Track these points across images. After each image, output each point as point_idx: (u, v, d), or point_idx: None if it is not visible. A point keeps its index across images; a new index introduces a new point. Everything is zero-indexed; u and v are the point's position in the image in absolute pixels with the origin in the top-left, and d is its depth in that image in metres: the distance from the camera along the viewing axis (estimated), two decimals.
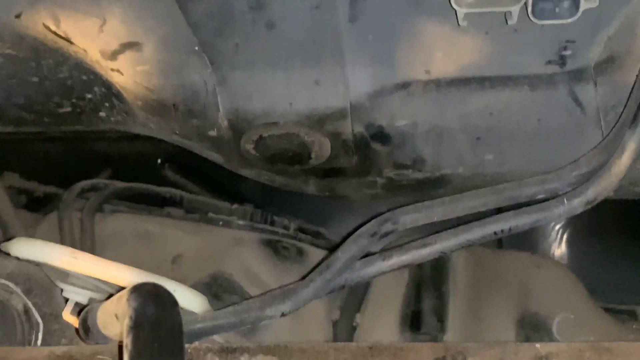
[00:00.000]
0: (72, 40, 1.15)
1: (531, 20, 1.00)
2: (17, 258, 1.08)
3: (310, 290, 1.05)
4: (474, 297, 1.42)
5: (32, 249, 1.06)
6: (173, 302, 0.83)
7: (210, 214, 1.60)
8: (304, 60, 1.12)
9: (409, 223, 1.09)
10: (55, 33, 1.15)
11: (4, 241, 1.12)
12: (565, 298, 1.42)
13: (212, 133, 1.23)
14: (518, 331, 1.35)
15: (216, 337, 1.03)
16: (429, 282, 1.45)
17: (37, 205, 1.74)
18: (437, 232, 1.11)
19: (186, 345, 0.83)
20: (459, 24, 1.02)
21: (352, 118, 1.17)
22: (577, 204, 1.04)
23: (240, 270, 1.43)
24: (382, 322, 1.39)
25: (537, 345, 0.86)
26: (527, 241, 1.78)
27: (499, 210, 1.11)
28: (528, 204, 1.08)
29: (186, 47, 1.11)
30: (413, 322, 1.38)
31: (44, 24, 1.14)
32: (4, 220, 1.55)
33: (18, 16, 1.13)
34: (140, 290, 0.83)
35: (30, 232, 1.56)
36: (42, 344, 1.09)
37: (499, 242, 1.64)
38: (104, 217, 1.59)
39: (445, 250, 1.09)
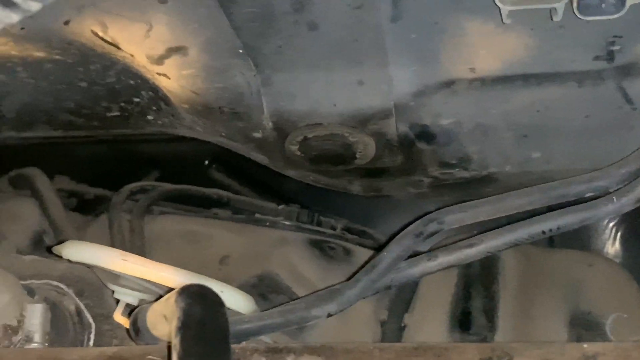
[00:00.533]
0: (120, 45, 1.18)
1: (577, 16, 1.00)
2: (69, 260, 1.11)
3: (356, 290, 1.07)
4: (524, 297, 1.41)
5: (83, 252, 1.09)
6: (220, 302, 0.85)
7: (257, 215, 1.63)
8: (346, 61, 1.13)
9: (454, 223, 1.10)
10: (102, 39, 1.18)
11: (56, 244, 1.15)
12: (618, 297, 1.40)
13: (257, 134, 1.26)
14: (570, 331, 1.34)
15: (263, 338, 1.04)
16: (478, 281, 1.44)
17: (87, 207, 1.77)
18: (483, 231, 1.12)
19: (233, 346, 0.84)
20: (503, 22, 1.03)
21: (396, 117, 1.18)
22: (626, 202, 1.03)
23: (287, 271, 1.45)
24: (430, 323, 1.39)
25: (585, 345, 0.85)
26: (580, 239, 1.75)
27: (549, 209, 1.11)
28: (576, 202, 1.08)
29: (230, 50, 1.13)
30: (462, 322, 1.38)
31: (91, 30, 1.16)
32: (56, 223, 1.60)
33: (66, 23, 1.16)
34: (187, 291, 0.85)
35: (81, 235, 1.60)
36: (94, 344, 1.11)
37: (551, 241, 1.63)
38: (152, 218, 1.62)
39: (492, 250, 1.10)
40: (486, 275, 1.43)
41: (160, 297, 1.00)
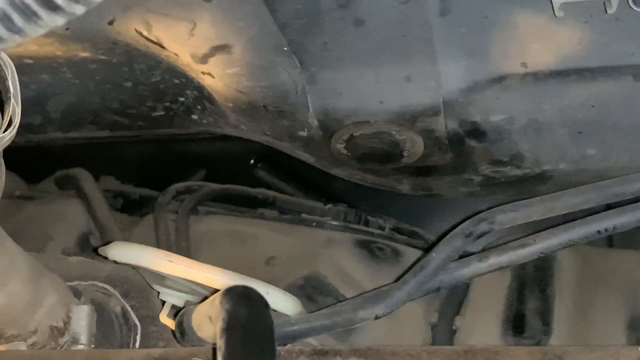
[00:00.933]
0: (164, 44, 1.20)
1: (632, 8, 0.98)
2: (115, 262, 1.14)
3: (403, 292, 1.07)
4: (581, 299, 1.40)
5: (129, 253, 1.11)
6: (265, 304, 0.87)
7: (304, 215, 1.63)
8: (394, 57, 1.13)
9: (506, 222, 1.10)
10: (147, 38, 1.19)
11: (102, 245, 1.18)
12: None
13: (303, 133, 1.26)
14: (629, 335, 1.32)
15: (309, 340, 1.06)
16: (532, 283, 1.43)
17: (133, 208, 1.80)
18: (537, 232, 1.12)
19: (278, 348, 0.85)
20: (555, 15, 1.01)
21: (445, 114, 1.18)
22: None
23: (334, 272, 1.45)
24: (482, 326, 1.39)
25: None
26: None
27: (606, 208, 1.11)
28: (634, 200, 1.07)
29: (275, 48, 1.14)
30: (516, 325, 1.37)
31: (136, 30, 1.18)
32: (102, 224, 1.63)
33: (111, 23, 1.17)
34: (232, 293, 0.86)
35: (127, 235, 1.63)
36: (140, 345, 1.14)
37: (609, 241, 1.60)
38: (198, 219, 1.64)
39: (546, 251, 1.10)
40: (541, 276, 1.42)
41: (206, 298, 1.01)
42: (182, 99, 1.34)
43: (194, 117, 1.38)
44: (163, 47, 1.21)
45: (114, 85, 1.33)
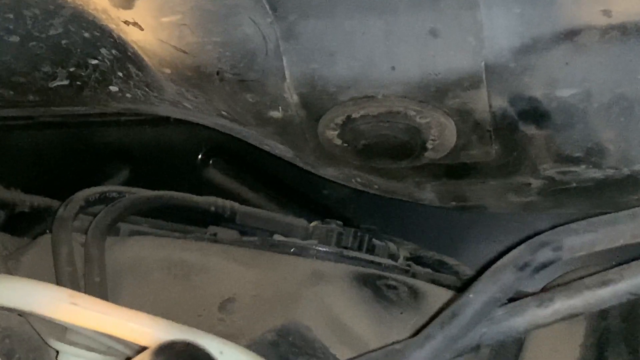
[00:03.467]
0: None
1: None
2: None
3: (426, 352, 1.07)
4: None
5: (13, 293, 1.09)
6: None
7: (277, 236, 1.63)
8: (412, 0, 1.13)
9: (579, 248, 1.10)
10: None
11: None
12: None
13: (276, 114, 1.27)
14: None
15: None
16: (618, 338, 1.43)
17: (21, 224, 1.80)
18: (624, 262, 1.12)
19: None
20: None
21: (489, 87, 1.18)
22: None
23: (323, 322, 1.44)
24: None
25: None
26: None
27: None
28: None
29: None
30: None
31: None
32: None
33: None
34: (169, 351, 0.87)
35: (12, 265, 1.61)
36: None
37: None
38: (118, 241, 1.62)
39: (638, 291, 1.10)
40: (630, 329, 1.42)
41: (128, 359, 1.01)
42: (94, 61, 1.34)
43: (113, 89, 1.38)
44: None
45: None
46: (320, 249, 1.60)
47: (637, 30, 1.14)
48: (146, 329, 1.04)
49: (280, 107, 1.26)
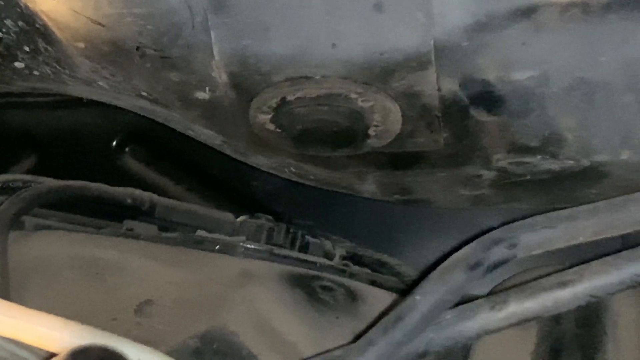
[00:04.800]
0: None
1: None
2: None
3: (368, 359, 1.06)
4: None
5: None
6: None
7: (200, 232, 1.62)
8: None
9: (536, 245, 1.10)
10: None
11: None
12: None
13: (202, 95, 1.26)
14: None
15: None
16: (573, 345, 1.44)
17: None
18: (583, 261, 1.12)
19: None
20: None
21: (439, 68, 1.18)
22: None
23: (251, 326, 1.43)
24: None
25: None
26: None
27: None
28: None
29: None
30: None
31: None
32: None
33: None
34: (82, 357, 0.86)
35: None
36: None
37: None
38: (23, 236, 1.60)
39: (597, 293, 1.09)
40: (586, 335, 1.42)
41: None
42: None
43: (19, 65, 1.36)
44: None
45: None
46: (248, 246, 1.59)
47: (601, 8, 1.14)
48: (56, 333, 1.02)
49: (207, 88, 1.25)
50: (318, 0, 1.15)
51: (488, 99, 1.22)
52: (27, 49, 1.33)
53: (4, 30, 1.31)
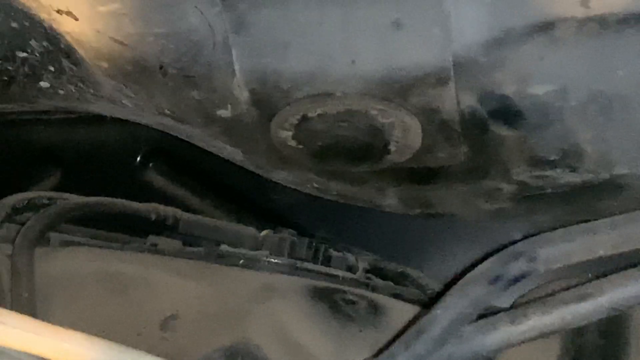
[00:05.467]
0: None
1: None
2: None
3: None
4: None
5: None
6: None
7: (224, 247, 1.62)
8: None
9: (555, 259, 1.10)
10: None
11: None
12: None
13: (224, 112, 1.27)
14: None
15: None
16: (596, 356, 1.43)
17: None
18: (604, 274, 1.12)
19: None
20: None
21: (458, 84, 1.19)
22: None
23: (275, 340, 1.43)
24: None
25: None
26: None
27: None
28: None
29: None
30: None
31: None
32: None
33: None
34: None
35: None
36: None
37: None
38: (49, 252, 1.60)
39: (620, 306, 1.10)
40: (610, 346, 1.42)
41: None
42: (23, 54, 1.34)
43: (44, 84, 1.37)
44: None
45: None
46: (271, 260, 1.59)
47: (617, 22, 1.14)
48: (81, 350, 1.03)
49: (229, 105, 1.26)
50: (337, 18, 1.16)
51: (507, 113, 1.22)
52: (51, 68, 1.34)
53: (29, 50, 1.32)
